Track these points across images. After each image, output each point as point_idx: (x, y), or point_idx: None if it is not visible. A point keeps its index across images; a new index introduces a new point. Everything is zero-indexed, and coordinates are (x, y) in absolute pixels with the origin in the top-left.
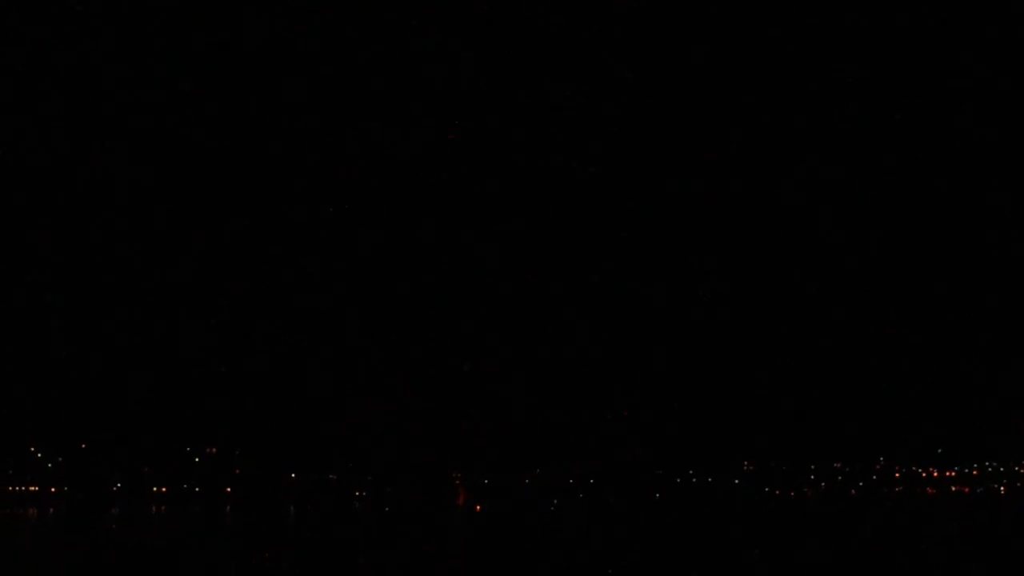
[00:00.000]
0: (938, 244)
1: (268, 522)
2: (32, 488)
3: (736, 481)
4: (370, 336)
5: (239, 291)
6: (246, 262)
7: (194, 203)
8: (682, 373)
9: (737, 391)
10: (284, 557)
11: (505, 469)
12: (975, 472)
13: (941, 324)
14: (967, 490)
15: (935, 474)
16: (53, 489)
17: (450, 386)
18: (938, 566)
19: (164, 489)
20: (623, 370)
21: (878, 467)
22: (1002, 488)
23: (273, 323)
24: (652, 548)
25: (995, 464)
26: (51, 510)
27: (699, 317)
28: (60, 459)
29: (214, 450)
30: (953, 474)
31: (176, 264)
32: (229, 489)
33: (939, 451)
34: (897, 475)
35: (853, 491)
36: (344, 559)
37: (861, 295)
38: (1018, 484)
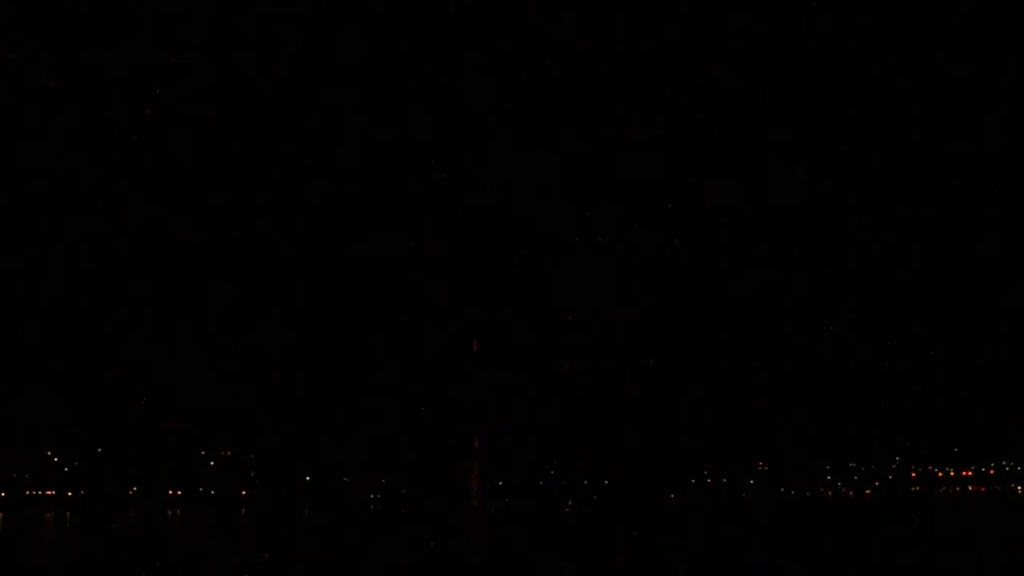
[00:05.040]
0: (955, 241)
1: (282, 525)
2: (48, 492)
3: (751, 481)
4: (384, 337)
5: (250, 293)
6: (256, 263)
7: (207, 206)
8: (695, 370)
9: (750, 389)
10: (294, 559)
11: (518, 468)
12: (992, 471)
13: (956, 321)
14: (984, 489)
15: (952, 473)
16: (69, 493)
17: (463, 385)
18: (955, 567)
19: (180, 492)
20: (635, 367)
21: (893, 467)
22: (1020, 488)
23: (285, 324)
24: (665, 549)
25: (1012, 464)
26: (67, 514)
27: (712, 313)
28: (76, 463)
29: (228, 453)
30: (970, 473)
31: (189, 266)
32: (244, 492)
33: (955, 450)
34: (913, 475)
35: (868, 491)
36: (357, 562)
37: (871, 292)
38: None
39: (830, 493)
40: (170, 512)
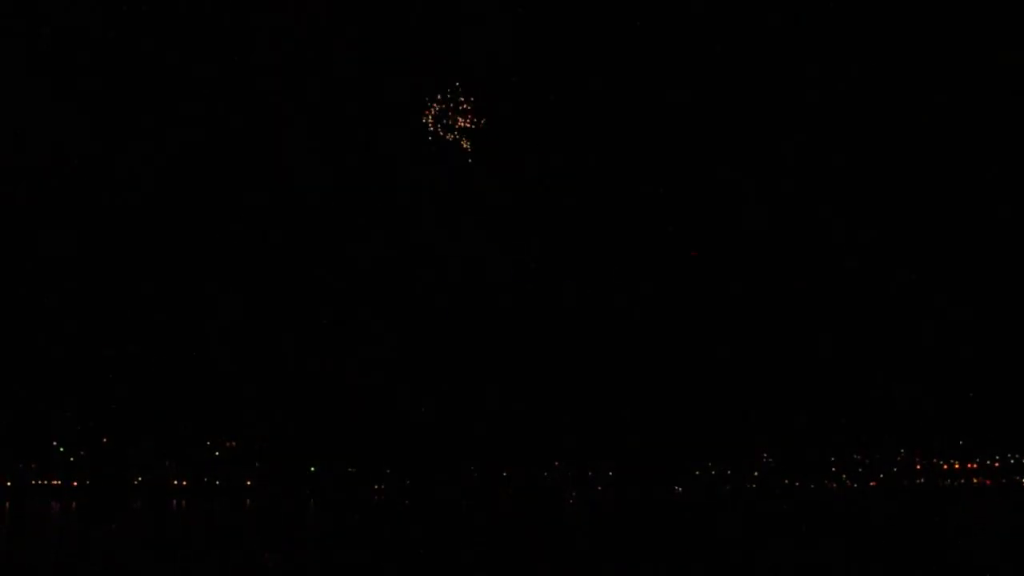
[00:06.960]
0: (959, 235)
1: (287, 516)
2: (54, 482)
3: (755, 473)
4: (388, 330)
5: (258, 286)
6: (264, 259)
7: (215, 199)
8: (702, 363)
9: (757, 382)
10: (299, 553)
11: (521, 462)
12: (997, 464)
13: (960, 315)
14: (989, 482)
15: (956, 466)
16: (75, 483)
17: (466, 379)
18: (959, 559)
19: (184, 483)
20: (641, 358)
21: (899, 459)
22: None
23: (292, 318)
24: (670, 541)
25: (1018, 456)
26: (73, 504)
27: (719, 307)
28: (81, 453)
29: (234, 444)
30: (975, 466)
31: (195, 260)
32: (249, 483)
33: (960, 443)
34: (918, 467)
35: (873, 483)
36: (361, 553)
37: (877, 287)
38: None
39: (835, 485)
40: (175, 502)
